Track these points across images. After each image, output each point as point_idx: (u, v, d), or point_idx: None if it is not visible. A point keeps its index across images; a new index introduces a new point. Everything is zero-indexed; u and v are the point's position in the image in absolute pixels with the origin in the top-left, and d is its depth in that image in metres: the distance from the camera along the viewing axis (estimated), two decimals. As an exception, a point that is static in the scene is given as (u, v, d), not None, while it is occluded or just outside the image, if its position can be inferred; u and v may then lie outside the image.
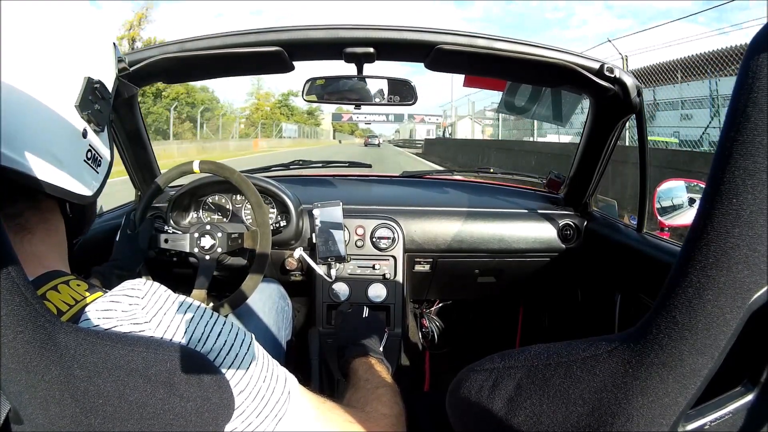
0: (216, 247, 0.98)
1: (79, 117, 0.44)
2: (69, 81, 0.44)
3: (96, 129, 0.47)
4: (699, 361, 0.29)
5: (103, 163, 0.50)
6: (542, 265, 1.27)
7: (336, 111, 35.71)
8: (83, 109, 0.44)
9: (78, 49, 0.45)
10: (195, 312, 0.43)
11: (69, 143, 0.44)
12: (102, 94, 0.47)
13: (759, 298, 0.28)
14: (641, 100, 0.92)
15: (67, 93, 0.43)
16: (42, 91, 0.40)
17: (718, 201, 0.28)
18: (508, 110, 1.27)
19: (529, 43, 0.86)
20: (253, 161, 4.03)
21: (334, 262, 1.16)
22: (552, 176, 1.35)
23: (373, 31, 0.85)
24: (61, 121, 0.43)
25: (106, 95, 0.48)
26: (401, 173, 1.61)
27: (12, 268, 0.31)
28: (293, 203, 1.16)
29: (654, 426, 0.31)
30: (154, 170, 1.22)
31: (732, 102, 0.28)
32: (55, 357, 0.33)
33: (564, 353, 0.35)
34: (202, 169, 0.96)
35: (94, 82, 0.45)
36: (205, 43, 0.87)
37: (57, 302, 0.41)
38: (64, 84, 0.43)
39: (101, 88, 0.47)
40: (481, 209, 1.27)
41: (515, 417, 0.36)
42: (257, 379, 0.44)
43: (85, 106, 0.44)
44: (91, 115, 0.45)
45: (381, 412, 0.60)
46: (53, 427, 0.34)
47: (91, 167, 0.47)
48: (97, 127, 0.47)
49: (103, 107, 0.47)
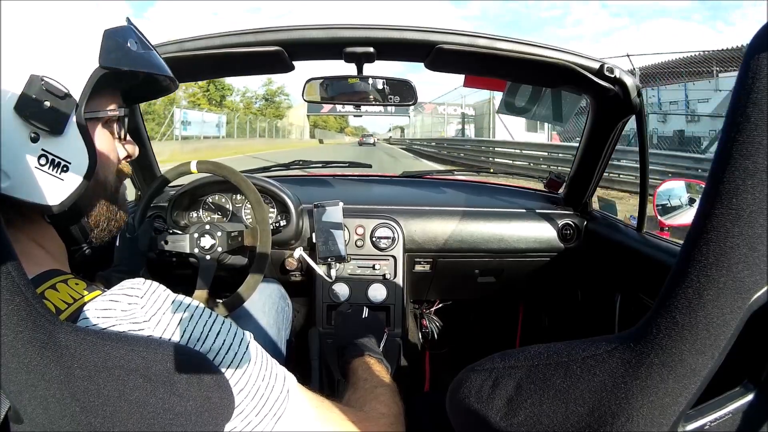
0: (216, 246, 0.98)
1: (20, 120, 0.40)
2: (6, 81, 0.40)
3: (51, 132, 0.42)
4: (699, 361, 0.29)
5: (72, 168, 0.44)
6: (542, 265, 1.27)
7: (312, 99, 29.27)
8: (21, 111, 0.40)
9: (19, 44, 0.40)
10: (194, 311, 0.43)
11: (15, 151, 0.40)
12: (53, 92, 0.41)
13: (759, 298, 0.28)
14: (641, 100, 0.92)
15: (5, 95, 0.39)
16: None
17: (718, 201, 0.28)
18: (508, 110, 1.27)
19: (530, 43, 0.86)
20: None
21: (334, 262, 1.16)
22: (552, 176, 1.35)
23: (373, 31, 0.85)
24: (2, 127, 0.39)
25: (59, 93, 0.42)
26: (401, 173, 1.61)
27: (12, 267, 0.31)
28: (293, 203, 1.16)
29: (654, 426, 0.31)
30: (153, 170, 1.22)
31: (732, 102, 0.28)
32: (55, 356, 0.33)
33: (564, 353, 0.35)
34: (201, 169, 0.96)
35: (39, 79, 0.41)
36: (204, 42, 0.87)
37: (55, 300, 0.41)
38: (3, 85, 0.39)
39: (49, 84, 0.41)
40: (481, 209, 1.27)
41: (515, 417, 0.35)
42: (256, 379, 0.44)
43: (25, 106, 0.40)
44: (37, 116, 0.40)
45: (380, 412, 0.60)
46: (53, 426, 0.34)
47: (49, 174, 0.42)
48: (51, 128, 0.42)
49: (60, 105, 0.42)
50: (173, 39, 0.89)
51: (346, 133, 61.66)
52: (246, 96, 35.14)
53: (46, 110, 0.41)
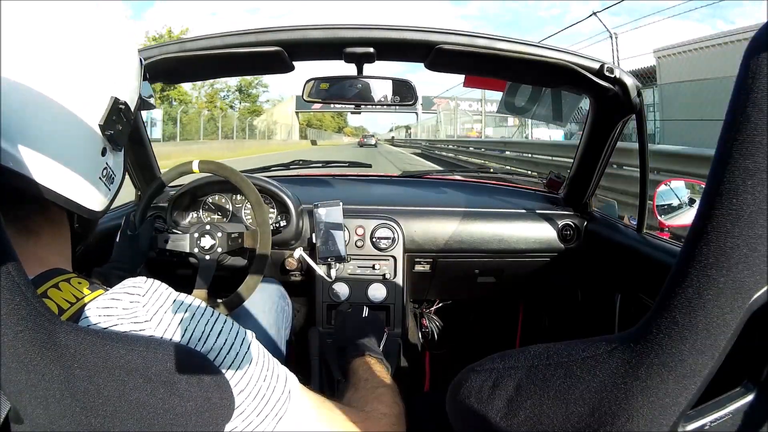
0: (216, 247, 0.98)
1: (101, 136, 0.44)
2: (96, 99, 0.43)
3: (114, 149, 0.47)
4: (699, 361, 0.29)
5: (116, 182, 0.50)
6: (542, 266, 1.27)
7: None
8: (106, 129, 0.44)
9: (109, 67, 0.45)
10: (195, 311, 0.43)
11: (88, 160, 0.44)
12: (125, 116, 0.47)
13: (759, 298, 0.28)
14: (641, 100, 0.92)
15: (93, 111, 0.43)
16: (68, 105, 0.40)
17: (718, 201, 0.28)
18: (508, 110, 1.27)
19: (530, 43, 0.86)
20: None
21: (334, 262, 1.16)
22: (552, 176, 1.35)
23: (373, 31, 0.85)
24: (82, 137, 0.43)
25: (129, 116, 0.48)
26: (401, 173, 1.61)
27: (12, 267, 0.31)
28: (293, 203, 1.16)
29: (654, 426, 0.31)
30: (154, 170, 1.22)
31: (732, 102, 0.28)
32: (55, 356, 0.33)
33: (564, 353, 0.35)
34: (202, 169, 0.96)
35: (120, 102, 0.45)
36: (205, 43, 0.87)
37: (58, 300, 0.41)
38: (91, 101, 0.43)
39: (126, 109, 0.46)
40: (481, 209, 1.27)
41: (515, 417, 0.36)
42: (257, 379, 0.44)
43: (108, 126, 0.44)
44: (113, 135, 0.45)
45: (381, 412, 0.60)
46: (53, 426, 0.34)
47: (104, 184, 0.47)
48: (116, 147, 0.47)
49: (125, 128, 0.47)
50: (174, 39, 0.89)
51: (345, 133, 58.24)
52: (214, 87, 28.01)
53: (120, 130, 0.46)
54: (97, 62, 0.43)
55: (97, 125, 0.44)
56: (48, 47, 0.39)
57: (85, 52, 0.42)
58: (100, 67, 0.43)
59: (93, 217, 0.47)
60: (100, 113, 0.44)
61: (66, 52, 0.40)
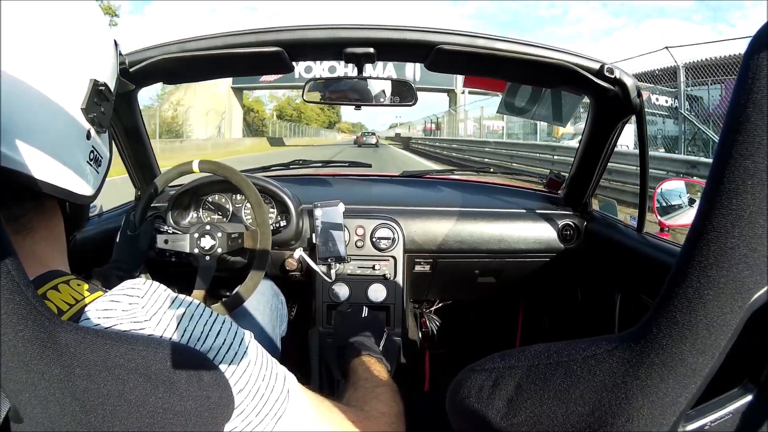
0: (216, 247, 0.98)
1: (84, 119, 0.44)
2: (75, 83, 0.43)
3: (99, 130, 0.47)
4: (699, 361, 0.29)
5: (103, 163, 0.50)
6: (542, 266, 1.27)
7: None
8: (89, 112, 0.44)
9: (83, 50, 0.44)
10: (194, 311, 0.43)
11: (73, 145, 0.44)
12: (106, 96, 0.46)
13: (759, 298, 0.28)
14: (641, 100, 0.92)
15: (73, 95, 0.43)
16: (48, 93, 0.40)
17: (718, 201, 0.28)
18: (508, 111, 1.27)
19: (530, 43, 0.86)
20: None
21: (334, 262, 1.16)
22: (552, 176, 1.35)
23: (373, 31, 0.85)
24: (66, 124, 0.42)
25: (110, 97, 0.47)
26: (401, 173, 1.61)
27: (12, 267, 0.31)
28: (293, 203, 1.16)
29: (654, 426, 0.31)
30: (154, 169, 1.22)
31: (732, 102, 0.28)
32: (55, 356, 0.33)
33: (564, 353, 0.35)
34: (202, 169, 0.96)
35: (99, 84, 0.45)
36: (205, 43, 0.87)
37: (57, 301, 0.41)
38: (70, 86, 0.43)
39: (106, 90, 0.46)
40: (481, 209, 1.27)
41: (515, 417, 0.36)
42: (257, 378, 0.44)
43: (90, 108, 0.44)
44: (96, 117, 0.45)
45: (380, 411, 0.60)
46: (53, 425, 0.34)
47: (92, 167, 0.47)
48: (100, 128, 0.47)
49: (107, 109, 0.47)
50: (174, 39, 0.89)
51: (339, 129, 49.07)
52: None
53: (102, 112, 0.46)
54: (71, 45, 0.42)
55: (79, 109, 0.43)
56: (20, 36, 0.38)
57: (58, 36, 0.41)
58: (74, 50, 0.43)
59: (85, 202, 0.47)
60: (80, 97, 0.43)
61: (39, 39, 0.39)
